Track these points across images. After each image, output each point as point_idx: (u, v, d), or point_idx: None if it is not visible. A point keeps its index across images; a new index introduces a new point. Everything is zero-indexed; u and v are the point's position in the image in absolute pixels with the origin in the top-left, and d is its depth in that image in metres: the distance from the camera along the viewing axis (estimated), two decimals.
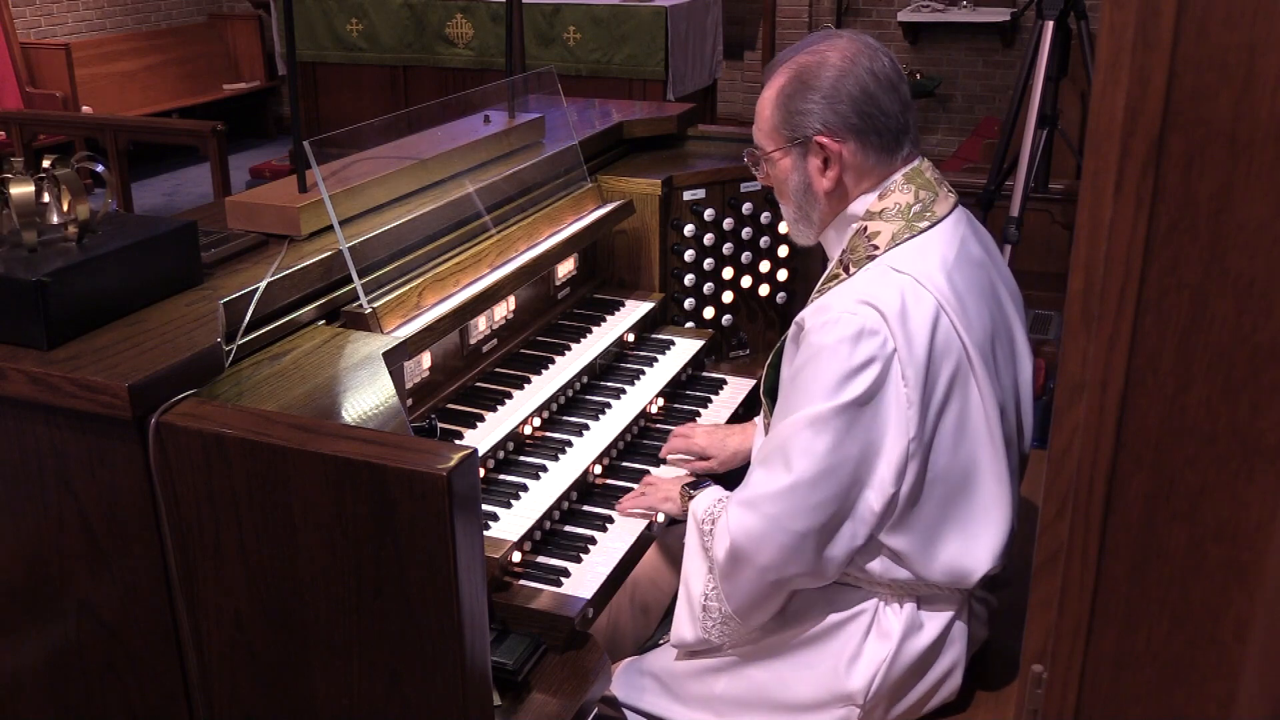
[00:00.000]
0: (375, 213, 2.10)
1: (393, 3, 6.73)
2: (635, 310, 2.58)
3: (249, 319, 1.69)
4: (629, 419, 2.26)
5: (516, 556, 1.86)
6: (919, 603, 1.80)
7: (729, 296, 2.72)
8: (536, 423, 2.17)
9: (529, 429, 2.15)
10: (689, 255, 2.63)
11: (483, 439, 2.04)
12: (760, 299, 2.77)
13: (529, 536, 1.91)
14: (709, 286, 2.68)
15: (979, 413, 1.71)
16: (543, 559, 1.91)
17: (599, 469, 2.15)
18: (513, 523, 1.90)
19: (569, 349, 2.39)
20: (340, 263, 1.92)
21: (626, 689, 2.00)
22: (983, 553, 1.74)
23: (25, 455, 1.59)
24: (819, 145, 1.78)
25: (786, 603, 1.84)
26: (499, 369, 2.28)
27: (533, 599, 1.80)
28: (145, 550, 1.56)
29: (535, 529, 1.92)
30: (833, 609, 1.81)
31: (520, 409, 2.15)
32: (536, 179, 2.49)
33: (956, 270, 1.73)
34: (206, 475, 1.48)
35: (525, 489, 1.99)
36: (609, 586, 1.88)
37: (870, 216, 1.79)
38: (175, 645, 1.60)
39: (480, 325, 2.25)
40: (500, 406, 2.15)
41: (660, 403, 2.41)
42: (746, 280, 2.73)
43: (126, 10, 8.72)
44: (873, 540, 1.72)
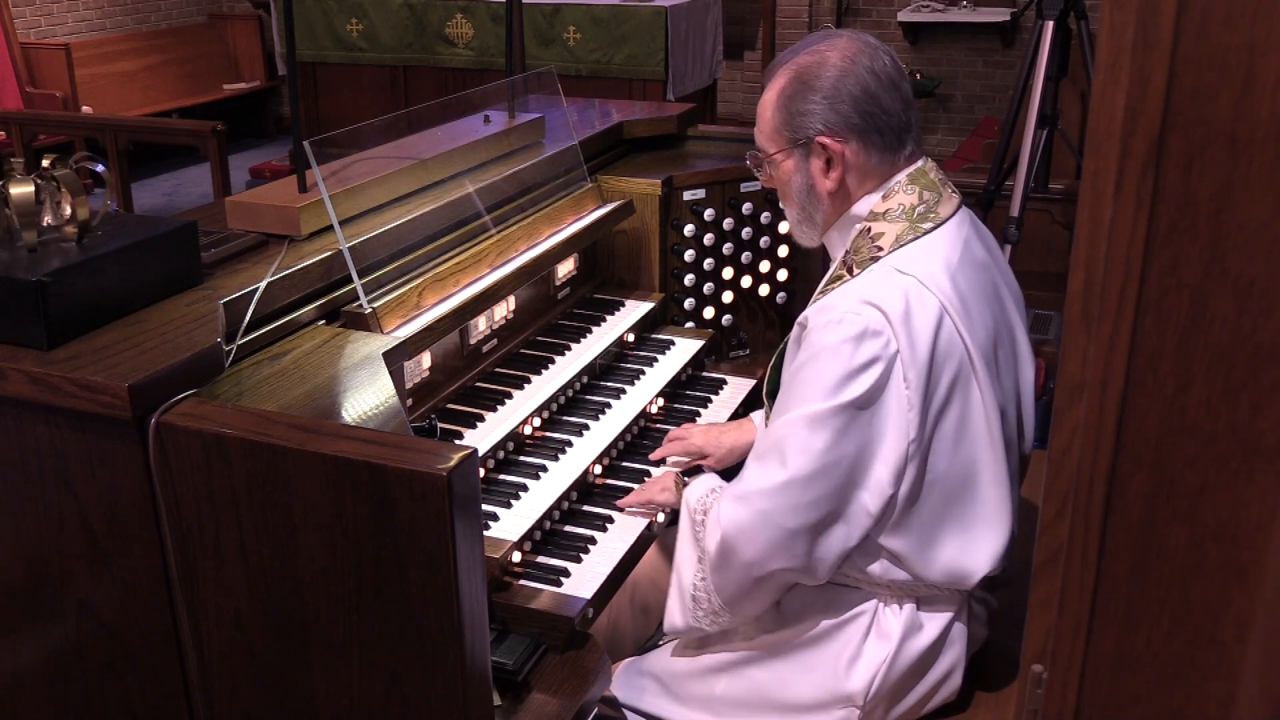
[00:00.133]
0: (375, 213, 2.10)
1: (393, 3, 6.73)
2: (635, 310, 2.58)
3: (249, 319, 1.69)
4: (629, 419, 2.26)
5: (516, 556, 1.86)
6: (918, 604, 1.80)
7: (729, 296, 2.72)
8: (536, 423, 2.17)
9: (529, 429, 2.15)
10: (689, 255, 2.63)
11: (483, 439, 2.04)
12: (760, 299, 2.77)
13: (529, 536, 1.91)
14: (709, 286, 2.67)
15: (980, 415, 1.71)
16: (543, 559, 1.91)
17: (599, 469, 2.15)
18: (513, 523, 1.90)
19: (569, 349, 2.39)
20: (340, 263, 1.92)
21: (626, 689, 2.00)
22: (982, 554, 1.74)
23: (25, 455, 1.58)
24: (821, 146, 1.78)
25: (786, 603, 1.84)
26: (499, 369, 2.28)
27: (533, 599, 1.80)
28: (145, 550, 1.56)
29: (535, 529, 1.92)
30: (832, 610, 1.81)
31: (520, 409, 2.15)
32: (536, 179, 2.49)
33: (960, 272, 1.73)
34: (206, 475, 1.48)
35: (525, 489, 1.99)
36: (609, 586, 1.89)
37: (874, 217, 1.78)
38: (175, 645, 1.60)
39: (480, 325, 2.25)
40: (500, 406, 2.15)
41: (660, 403, 2.41)
42: (746, 280, 2.73)
43: (126, 10, 8.72)
44: (871, 541, 1.72)
